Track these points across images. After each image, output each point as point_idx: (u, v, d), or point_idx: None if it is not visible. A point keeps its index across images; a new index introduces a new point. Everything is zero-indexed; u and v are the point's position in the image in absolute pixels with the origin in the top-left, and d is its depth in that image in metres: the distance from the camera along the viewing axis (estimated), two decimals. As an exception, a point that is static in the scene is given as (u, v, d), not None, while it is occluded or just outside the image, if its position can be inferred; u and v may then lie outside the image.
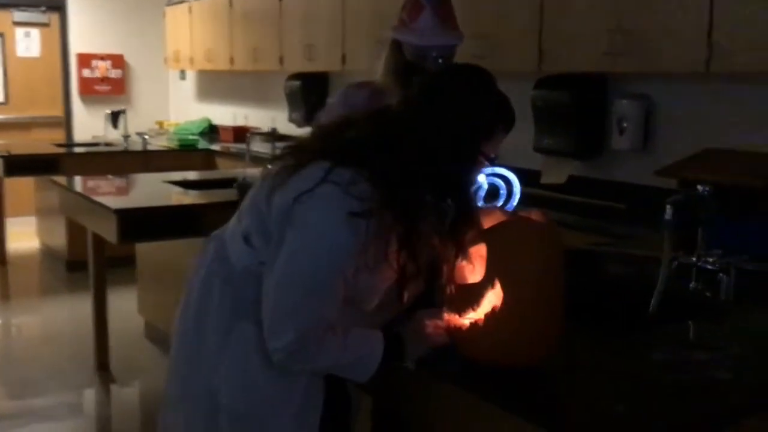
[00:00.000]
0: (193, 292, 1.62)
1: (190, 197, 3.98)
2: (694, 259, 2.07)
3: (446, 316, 1.49)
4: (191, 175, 4.84)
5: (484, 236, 1.42)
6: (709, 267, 2.06)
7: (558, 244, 1.44)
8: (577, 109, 3.57)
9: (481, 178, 1.82)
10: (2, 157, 5.72)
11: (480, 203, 1.81)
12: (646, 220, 3.26)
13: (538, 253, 1.39)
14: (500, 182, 1.83)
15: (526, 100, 3.69)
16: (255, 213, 1.54)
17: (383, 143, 1.44)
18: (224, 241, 1.61)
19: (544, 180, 3.71)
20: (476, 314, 1.41)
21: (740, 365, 1.56)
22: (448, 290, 1.50)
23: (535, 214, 1.46)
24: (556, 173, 3.67)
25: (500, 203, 1.80)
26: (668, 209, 1.96)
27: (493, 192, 1.85)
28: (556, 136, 3.63)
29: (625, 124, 3.39)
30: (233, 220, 1.64)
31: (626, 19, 3.04)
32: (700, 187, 2.03)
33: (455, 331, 1.47)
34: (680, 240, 2.03)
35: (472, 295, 1.42)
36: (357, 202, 1.38)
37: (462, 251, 1.45)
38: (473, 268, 1.45)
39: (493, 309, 1.39)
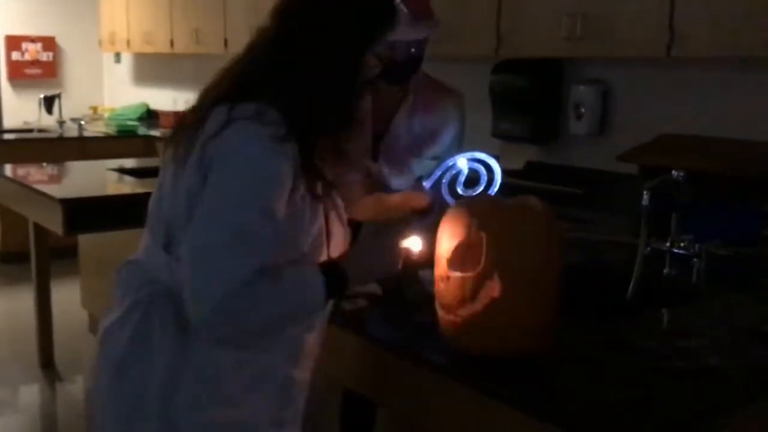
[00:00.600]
0: (122, 340, 1.37)
1: (137, 185, 3.82)
2: (667, 245, 2.07)
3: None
4: (133, 163, 4.67)
5: (482, 224, 1.37)
6: (682, 252, 2.06)
7: (557, 232, 1.41)
8: (534, 93, 3.56)
9: (462, 164, 1.79)
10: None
11: (459, 189, 1.78)
12: (603, 204, 3.29)
13: (539, 241, 1.35)
14: (481, 168, 1.80)
15: (484, 85, 3.66)
16: (165, 212, 1.38)
17: (270, 70, 1.34)
18: (141, 265, 1.42)
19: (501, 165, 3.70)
20: (473, 306, 1.36)
21: (728, 350, 1.56)
22: (439, 281, 1.45)
23: (532, 201, 1.42)
24: (513, 158, 3.66)
25: (480, 190, 1.77)
26: (645, 195, 1.96)
27: (473, 178, 1.81)
28: (514, 121, 3.61)
29: (582, 109, 3.40)
30: (145, 241, 1.44)
31: (586, 3, 3.03)
32: (674, 173, 2.03)
33: (409, 260, 1.41)
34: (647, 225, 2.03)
35: (467, 285, 1.37)
36: (272, 128, 1.26)
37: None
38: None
39: (491, 300, 1.35)
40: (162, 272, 1.36)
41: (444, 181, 1.77)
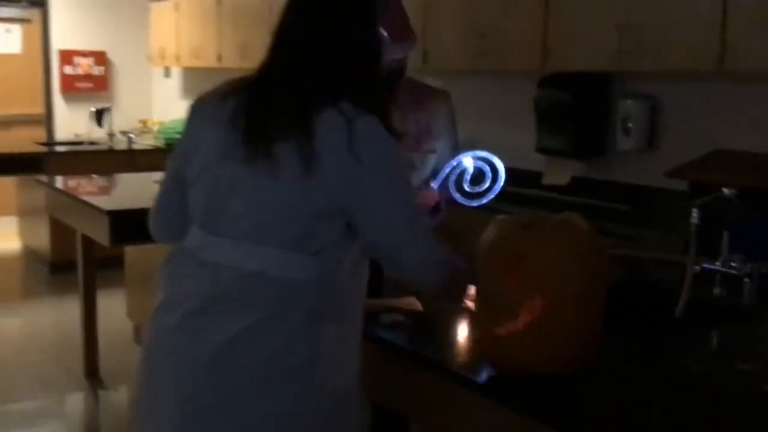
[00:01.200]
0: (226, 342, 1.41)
1: (182, 198, 3.86)
2: (718, 264, 2.01)
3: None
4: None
5: (524, 241, 1.34)
6: (733, 272, 2.00)
7: (601, 250, 1.37)
8: (580, 108, 3.50)
9: (468, 162, 1.90)
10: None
11: (466, 186, 1.91)
12: (651, 222, 3.21)
13: (582, 258, 1.32)
14: (486, 167, 1.91)
15: (528, 100, 3.62)
16: (293, 216, 1.42)
17: (334, 72, 1.45)
18: (265, 275, 1.42)
19: (545, 181, 3.65)
20: (514, 323, 1.33)
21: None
22: (479, 297, 1.43)
23: (574, 219, 1.39)
24: (558, 174, 3.61)
25: (485, 188, 1.90)
26: (694, 212, 1.90)
27: (478, 177, 1.93)
28: (559, 136, 3.56)
29: (629, 124, 3.33)
30: (257, 254, 1.43)
31: (635, 16, 2.97)
32: (726, 190, 1.96)
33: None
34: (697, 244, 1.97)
35: (508, 302, 1.34)
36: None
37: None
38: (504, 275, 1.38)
39: (532, 318, 1.31)
40: (296, 272, 1.41)
41: (451, 179, 1.91)
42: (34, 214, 5.62)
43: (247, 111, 1.45)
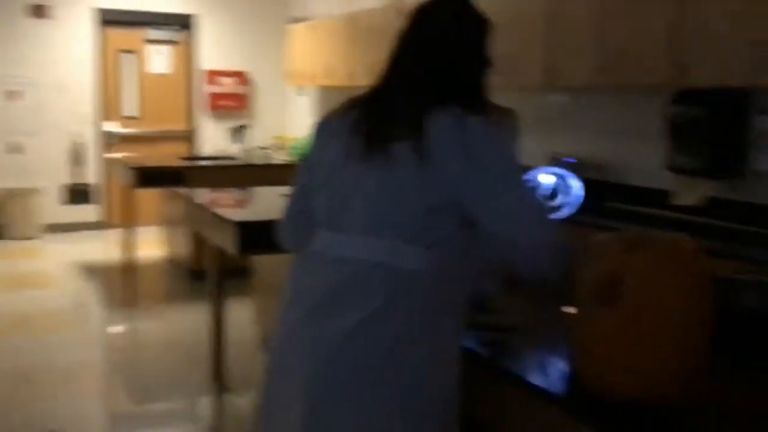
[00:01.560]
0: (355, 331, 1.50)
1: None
2: None
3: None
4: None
5: (628, 261, 1.30)
6: None
7: (706, 273, 1.30)
8: (716, 125, 3.33)
9: (543, 179, 1.88)
10: (134, 169, 5.99)
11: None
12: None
13: (687, 280, 1.26)
14: (561, 182, 1.89)
15: (654, 117, 3.49)
16: (407, 208, 1.52)
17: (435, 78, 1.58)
18: (382, 265, 1.51)
19: (676, 201, 3.49)
20: (614, 346, 1.29)
21: None
22: (578, 316, 1.39)
23: (681, 239, 1.33)
24: (690, 194, 3.45)
25: (559, 202, 1.87)
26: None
27: (553, 192, 1.91)
28: (693, 154, 3.40)
29: (768, 142, 3.14)
30: (371, 244, 1.53)
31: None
32: None
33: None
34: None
35: (609, 323, 1.30)
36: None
37: None
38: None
39: (633, 340, 1.27)
40: (410, 263, 1.50)
41: None
42: (177, 224, 5.97)
43: (367, 118, 1.60)
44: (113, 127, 7.98)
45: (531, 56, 3.79)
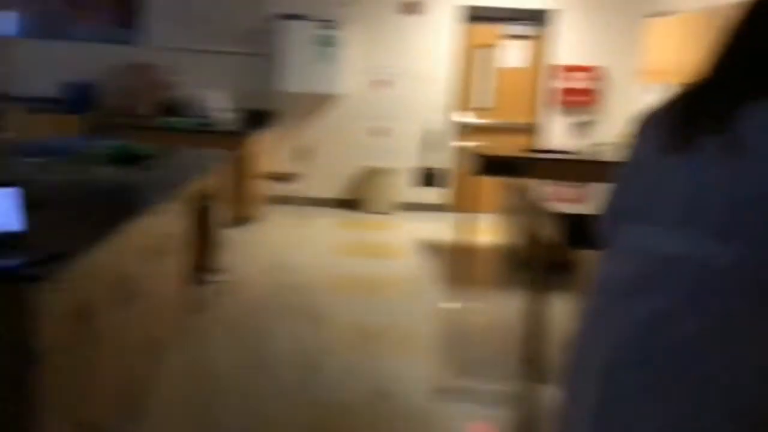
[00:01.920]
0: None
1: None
2: None
3: None
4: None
5: None
6: None
7: None
8: None
9: None
10: (480, 157, 6.31)
11: None
12: None
13: None
14: None
15: None
16: (719, 203, 1.45)
17: None
18: (686, 260, 1.48)
19: None
20: None
21: None
22: None
23: None
24: None
25: None
26: None
27: None
28: None
29: None
30: (681, 237, 1.50)
31: None
32: None
33: None
34: None
35: None
36: None
37: None
38: None
39: None
40: (715, 258, 1.45)
41: None
42: (513, 213, 6.16)
43: (682, 111, 1.56)
44: (467, 117, 8.46)
45: None
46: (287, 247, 6.70)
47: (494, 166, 6.27)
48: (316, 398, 3.66)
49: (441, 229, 7.64)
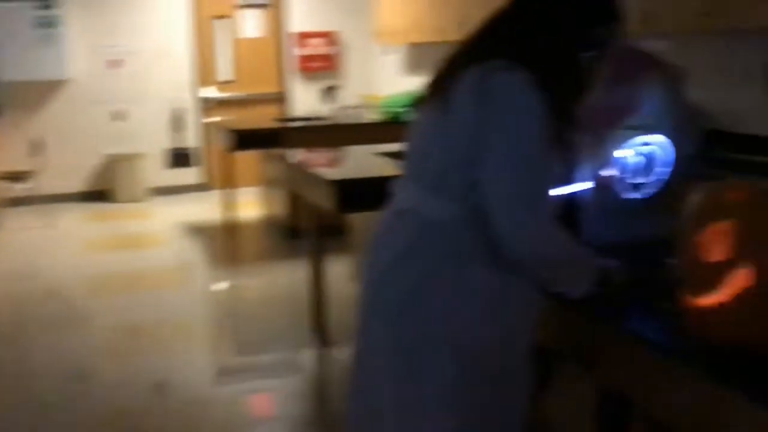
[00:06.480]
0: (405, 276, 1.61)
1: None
2: None
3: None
4: (399, 147, 4.90)
5: (734, 209, 1.27)
6: None
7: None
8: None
9: (625, 153, 1.87)
10: (231, 132, 6.16)
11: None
12: None
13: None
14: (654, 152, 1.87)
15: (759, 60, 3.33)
16: (434, 160, 1.57)
17: (511, 36, 1.56)
18: (413, 211, 1.61)
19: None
20: (720, 294, 1.27)
21: None
22: (684, 266, 1.37)
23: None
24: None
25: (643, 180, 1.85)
26: None
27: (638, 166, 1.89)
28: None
29: None
30: (410, 191, 1.63)
31: None
32: None
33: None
34: None
35: (716, 273, 1.28)
36: (526, 75, 1.47)
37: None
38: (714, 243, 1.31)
39: (739, 289, 1.25)
40: (434, 212, 1.56)
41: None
42: (274, 185, 6.13)
43: (433, 76, 1.67)
44: (210, 92, 8.21)
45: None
46: (33, 252, 6.11)
47: (247, 139, 6.17)
48: (93, 407, 3.40)
49: (201, 210, 7.41)
